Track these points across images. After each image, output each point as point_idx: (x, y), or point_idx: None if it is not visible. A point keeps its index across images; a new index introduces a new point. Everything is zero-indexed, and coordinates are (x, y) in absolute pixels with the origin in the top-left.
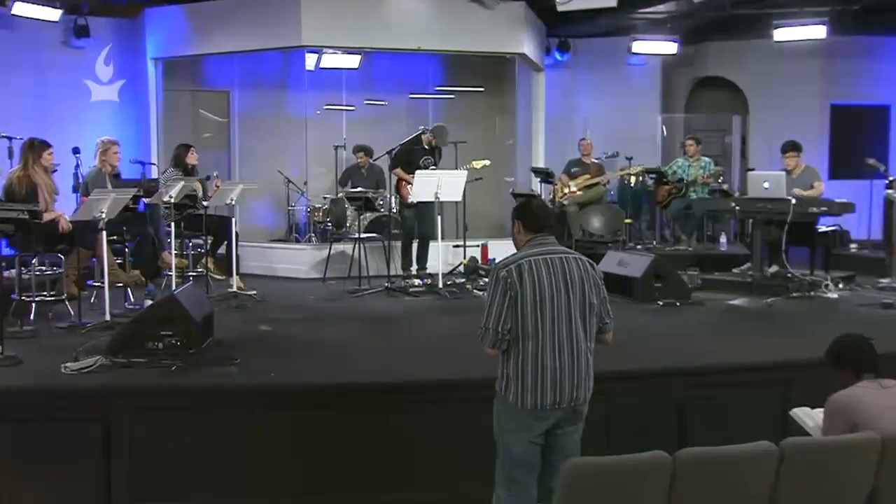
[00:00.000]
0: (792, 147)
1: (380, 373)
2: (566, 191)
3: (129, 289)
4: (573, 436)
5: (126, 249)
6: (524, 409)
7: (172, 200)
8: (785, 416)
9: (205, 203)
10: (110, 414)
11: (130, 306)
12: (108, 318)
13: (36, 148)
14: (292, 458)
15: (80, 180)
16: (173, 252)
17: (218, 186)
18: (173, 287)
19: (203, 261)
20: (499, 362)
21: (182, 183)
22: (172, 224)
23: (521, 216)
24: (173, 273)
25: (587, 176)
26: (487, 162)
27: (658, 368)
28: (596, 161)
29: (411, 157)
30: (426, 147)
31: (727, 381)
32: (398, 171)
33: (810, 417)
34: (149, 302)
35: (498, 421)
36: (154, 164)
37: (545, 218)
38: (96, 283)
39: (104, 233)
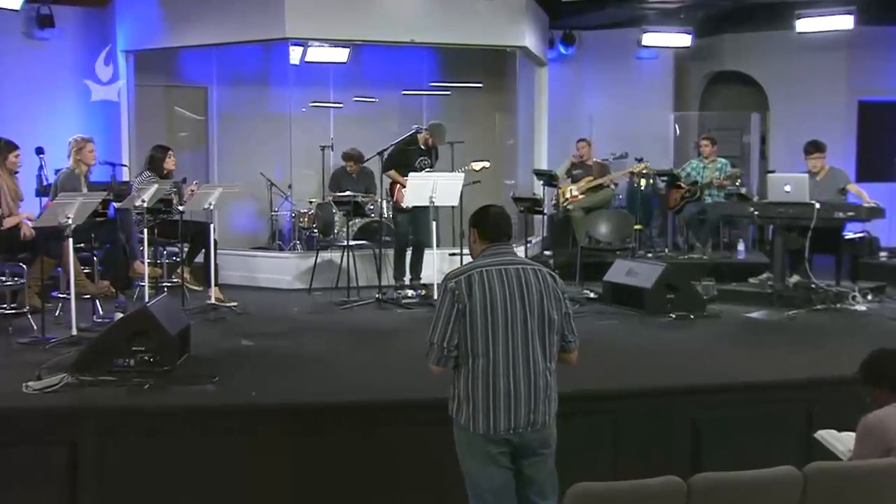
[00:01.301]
0: (815, 148)
1: (369, 391)
2: (569, 195)
3: (97, 301)
4: (543, 467)
5: (95, 258)
6: (476, 432)
7: (145, 205)
8: (808, 438)
9: (180, 208)
10: (76, 437)
11: (99, 320)
12: (74, 332)
13: (1, 149)
14: (274, 482)
15: (45, 183)
16: (146, 261)
17: (193, 191)
18: (146, 299)
19: (179, 270)
20: (450, 381)
21: (156, 186)
22: (145, 230)
23: (476, 224)
24: (146, 284)
25: (589, 178)
26: (487, 164)
27: (670, 386)
28: (599, 162)
29: (406, 157)
30: (422, 147)
31: (745, 400)
32: (392, 172)
33: (839, 441)
34: (119, 315)
35: (457, 446)
36: (125, 165)
37: (504, 226)
38: (62, 295)
39: (71, 240)
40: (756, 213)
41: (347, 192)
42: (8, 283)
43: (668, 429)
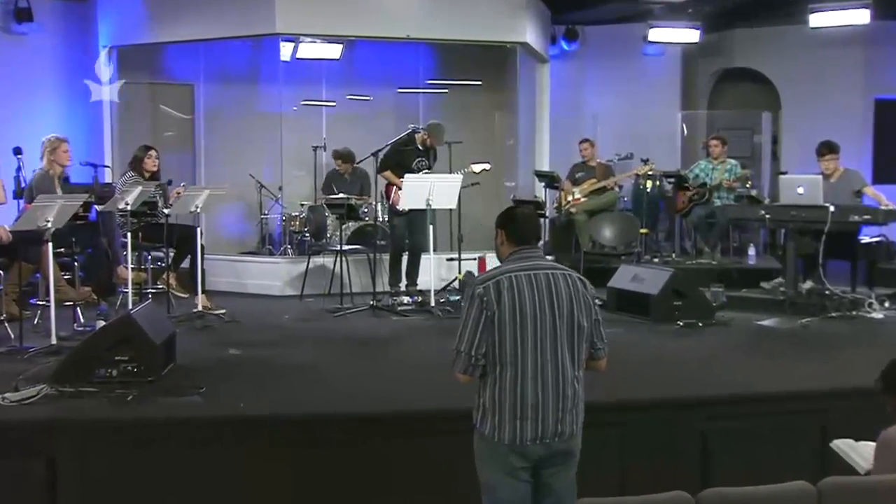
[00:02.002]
0: (828, 149)
1: (364, 402)
2: (571, 198)
3: (78, 308)
4: (564, 477)
5: (75, 263)
6: (502, 443)
7: (129, 208)
8: (823, 451)
9: (166, 211)
10: (55, 451)
11: (80, 328)
12: (53, 341)
13: None
14: (264, 497)
15: (23, 184)
16: (129, 266)
17: (179, 194)
18: (129, 306)
19: (164, 276)
20: (476, 390)
21: (140, 188)
22: (129, 234)
23: (504, 225)
24: (129, 290)
25: (593, 180)
26: (488, 166)
27: (678, 397)
28: (603, 163)
29: (403, 158)
30: (420, 147)
31: (757, 412)
32: (387, 173)
33: (856, 452)
34: (101, 323)
35: (478, 457)
36: (107, 166)
37: (532, 228)
38: (40, 302)
39: (50, 244)
40: (767, 216)
41: (340, 195)
42: None
43: (677, 441)
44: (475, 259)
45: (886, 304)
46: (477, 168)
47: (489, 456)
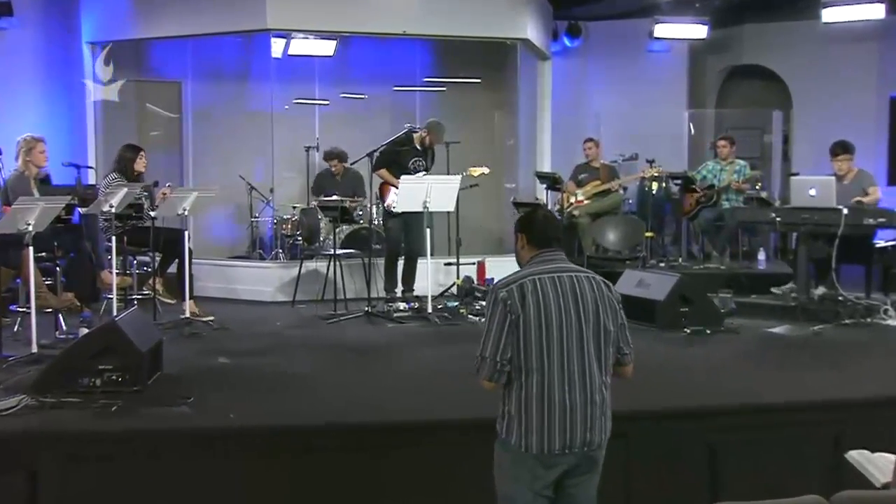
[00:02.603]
0: (843, 149)
1: (358, 412)
2: (573, 200)
3: (60, 315)
4: (588, 487)
5: (57, 268)
6: (529, 453)
7: (113, 210)
8: (836, 463)
9: (152, 213)
10: (36, 465)
11: (62, 336)
12: (34, 349)
13: None
14: None
15: (1, 185)
16: (114, 271)
17: (165, 195)
18: (114, 313)
19: (150, 281)
20: (500, 398)
21: (125, 190)
22: (113, 238)
23: (524, 228)
24: (114, 296)
25: (596, 182)
26: (486, 170)
27: (685, 407)
28: (607, 164)
29: (399, 157)
30: (418, 147)
31: (767, 423)
32: (382, 171)
33: (873, 464)
34: (84, 330)
35: (499, 468)
36: (91, 167)
37: (553, 230)
38: (21, 309)
39: (31, 248)
40: (778, 219)
41: (334, 197)
42: None
43: (684, 453)
44: (474, 264)
45: None
46: (476, 172)
47: (513, 466)
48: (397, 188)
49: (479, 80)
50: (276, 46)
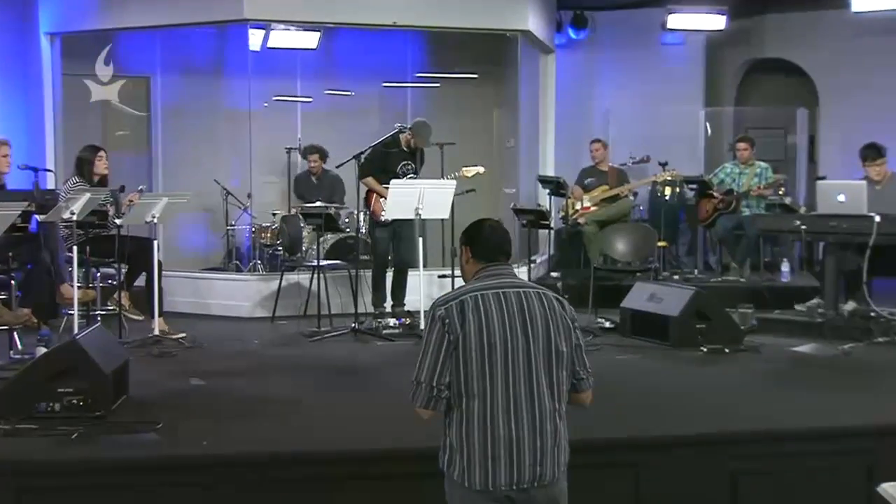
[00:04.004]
0: (876, 153)
1: (343, 439)
2: (579, 206)
3: (15, 333)
4: None
5: (13, 281)
6: (472, 489)
7: (75, 217)
8: (868, 495)
9: (118, 221)
10: None
11: (17, 356)
12: None
13: None
14: None
15: None
16: (76, 284)
17: (132, 201)
18: (75, 330)
19: (115, 296)
20: (440, 429)
21: (88, 195)
22: (75, 248)
23: (468, 241)
24: (76, 312)
25: (604, 187)
26: (481, 169)
27: (701, 434)
28: (616, 167)
29: (386, 162)
30: (405, 149)
31: (792, 451)
32: (369, 180)
33: None
34: (42, 350)
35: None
36: (50, 170)
37: (500, 242)
38: None
39: None
40: (803, 227)
41: (318, 203)
42: None
43: (701, 485)
44: None
45: None
46: (469, 172)
47: (462, 502)
48: (384, 197)
49: (475, 76)
50: (254, 38)
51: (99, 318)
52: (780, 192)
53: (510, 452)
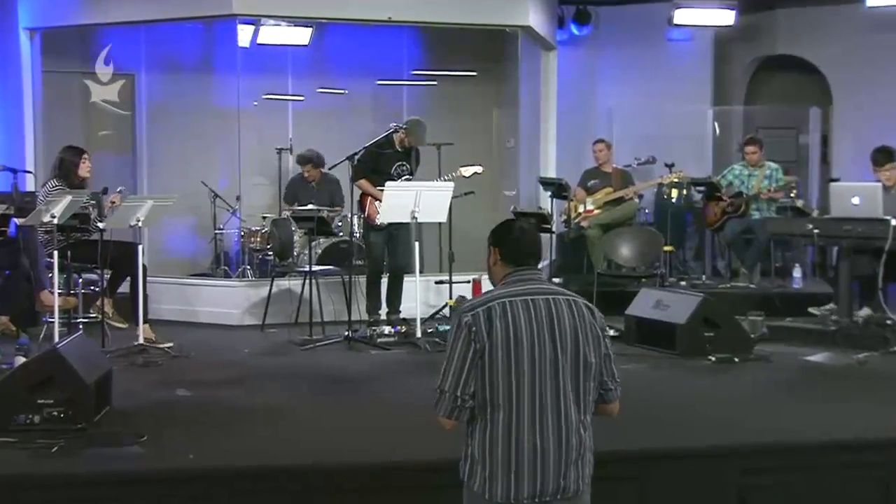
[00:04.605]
0: (887, 157)
1: (337, 452)
2: (581, 210)
3: None
4: None
5: None
6: (493, 501)
7: (55, 221)
8: None
9: (100, 225)
10: None
11: None
12: None
13: None
14: None
15: None
16: (56, 291)
17: (114, 203)
18: (56, 339)
19: (98, 303)
20: (463, 439)
21: (69, 198)
22: (56, 253)
23: (498, 242)
24: (56, 319)
25: (608, 189)
26: (479, 169)
27: (709, 446)
28: (620, 169)
29: (379, 163)
30: (399, 150)
31: (805, 464)
32: (363, 182)
33: None
34: (21, 359)
35: None
36: (30, 172)
37: (531, 245)
38: None
39: None
40: (816, 231)
41: (309, 206)
42: None
43: (708, 499)
44: (468, 282)
45: None
46: (467, 172)
47: None
48: (379, 199)
49: (474, 74)
50: (244, 34)
51: (81, 327)
52: (792, 195)
53: (534, 464)
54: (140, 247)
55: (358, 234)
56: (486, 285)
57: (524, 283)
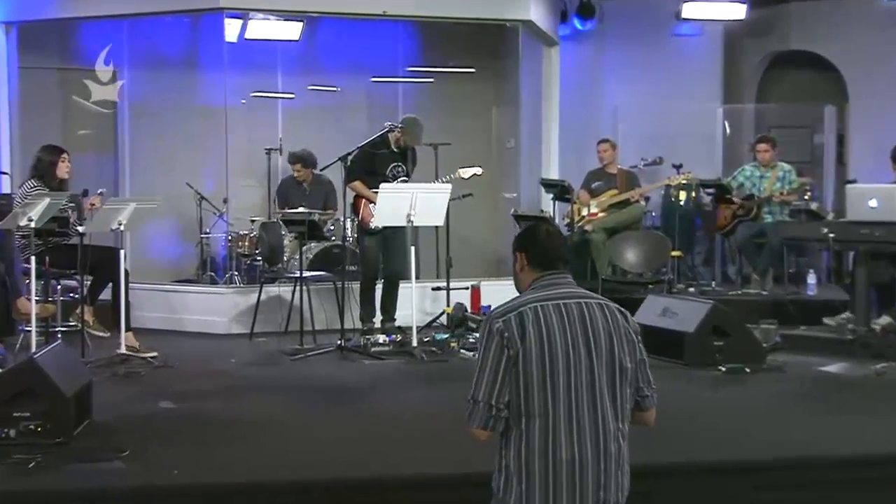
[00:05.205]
0: None
1: (329, 467)
2: (585, 213)
3: None
4: None
5: None
6: None
7: (33, 224)
8: None
9: (79, 228)
10: None
11: None
12: None
13: None
14: None
15: None
16: (34, 298)
17: (94, 205)
18: (33, 348)
19: (78, 310)
20: (496, 450)
21: (47, 200)
22: (33, 258)
23: (524, 246)
24: (33, 328)
25: (613, 191)
26: (479, 170)
27: (719, 461)
28: (626, 170)
29: (374, 164)
30: (394, 150)
31: (819, 480)
32: (357, 184)
33: None
34: None
35: None
36: (5, 172)
37: (559, 249)
38: None
39: None
40: (831, 235)
41: (300, 209)
42: None
43: None
44: (467, 288)
45: None
46: (466, 174)
47: None
48: (373, 201)
49: (473, 70)
50: (231, 29)
51: (59, 335)
52: (806, 197)
53: (573, 476)
54: (122, 251)
55: (351, 239)
56: (486, 292)
57: (555, 288)
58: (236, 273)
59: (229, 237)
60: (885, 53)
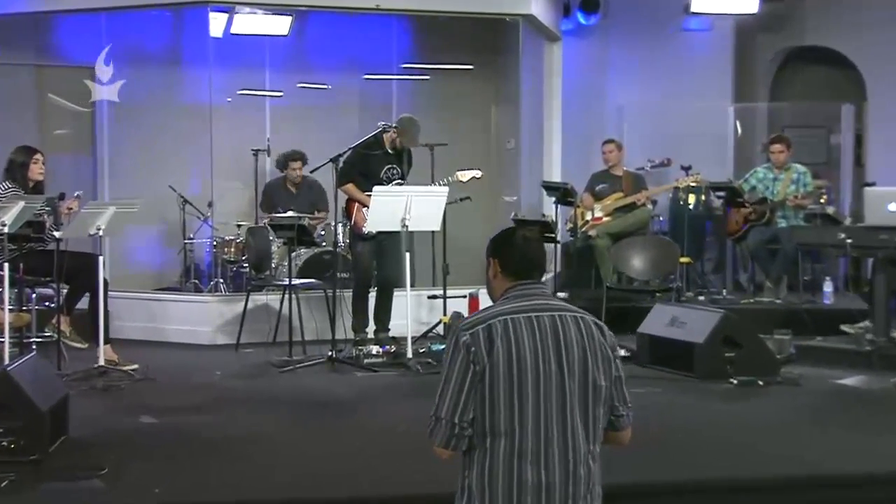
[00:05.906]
0: None
1: (319, 485)
2: (589, 217)
3: None
4: None
5: None
6: None
7: (6, 230)
8: None
9: (56, 234)
10: None
11: None
12: None
13: None
14: None
15: None
16: (7, 307)
17: (71, 209)
18: (6, 360)
19: (54, 320)
20: (459, 469)
21: (22, 203)
22: (6, 265)
23: (498, 252)
24: (6, 339)
25: (618, 195)
26: (478, 173)
27: (732, 478)
28: (632, 172)
29: (367, 165)
30: (389, 151)
31: (835, 499)
32: (349, 187)
33: None
34: None
35: None
36: None
37: (535, 256)
38: None
39: None
40: (849, 241)
41: (289, 213)
42: None
43: None
44: (465, 297)
45: None
46: (464, 176)
47: None
48: (366, 205)
49: (471, 67)
50: (216, 23)
51: (34, 347)
52: (822, 201)
53: (538, 500)
54: (101, 258)
55: (343, 245)
56: (485, 300)
57: (527, 299)
58: (221, 280)
59: (214, 243)
60: None
